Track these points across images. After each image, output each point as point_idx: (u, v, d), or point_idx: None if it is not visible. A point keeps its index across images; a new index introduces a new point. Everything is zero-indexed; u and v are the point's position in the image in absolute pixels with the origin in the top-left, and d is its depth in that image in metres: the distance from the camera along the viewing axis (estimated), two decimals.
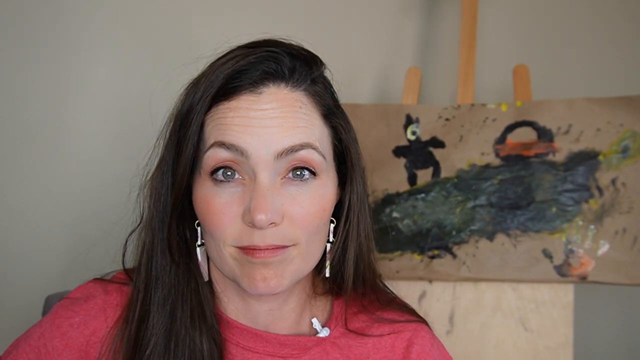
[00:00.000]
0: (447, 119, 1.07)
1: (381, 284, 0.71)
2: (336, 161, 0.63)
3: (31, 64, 1.13)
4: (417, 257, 1.05)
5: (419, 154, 1.07)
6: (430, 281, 1.06)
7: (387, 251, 1.06)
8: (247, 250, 0.57)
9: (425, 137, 1.08)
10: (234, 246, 0.57)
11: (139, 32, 1.17)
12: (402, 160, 1.08)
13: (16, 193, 1.13)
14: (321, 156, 0.58)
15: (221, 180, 0.57)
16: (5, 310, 1.12)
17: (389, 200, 1.07)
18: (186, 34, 1.18)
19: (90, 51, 1.15)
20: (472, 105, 1.07)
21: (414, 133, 1.08)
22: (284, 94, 0.58)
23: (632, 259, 0.98)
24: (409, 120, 1.08)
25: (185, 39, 1.18)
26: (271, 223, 0.55)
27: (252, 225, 0.55)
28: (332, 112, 0.62)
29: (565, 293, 1.01)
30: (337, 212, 0.64)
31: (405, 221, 1.06)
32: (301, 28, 1.24)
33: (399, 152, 1.08)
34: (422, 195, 1.06)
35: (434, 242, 1.05)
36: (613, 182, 1.00)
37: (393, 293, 0.72)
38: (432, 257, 1.05)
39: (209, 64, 0.60)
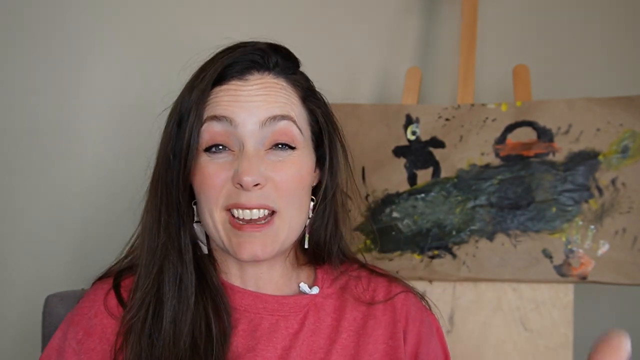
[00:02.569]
0: (447, 119, 1.07)
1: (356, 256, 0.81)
2: (314, 141, 0.72)
3: (31, 65, 1.13)
4: (417, 257, 1.05)
5: (419, 154, 1.07)
6: (430, 281, 1.06)
7: (387, 251, 1.06)
8: (236, 222, 0.65)
9: (425, 137, 1.08)
10: (224, 209, 0.66)
11: (139, 32, 1.17)
12: (402, 160, 1.08)
13: (16, 193, 1.13)
14: (298, 129, 0.68)
15: (214, 152, 0.66)
16: (6, 310, 1.12)
17: (389, 200, 1.07)
18: (187, 34, 1.18)
19: (90, 51, 1.15)
20: (472, 105, 1.07)
21: (414, 133, 1.08)
22: (267, 79, 0.68)
23: (632, 259, 0.98)
24: (409, 120, 1.08)
25: (186, 39, 1.18)
26: (256, 185, 0.64)
27: (240, 186, 0.64)
28: (309, 97, 0.72)
29: (565, 293, 1.01)
30: (317, 193, 0.73)
31: (405, 221, 1.06)
32: (301, 28, 1.24)
33: (399, 152, 1.08)
34: (422, 195, 1.06)
35: (434, 242, 1.05)
36: (613, 182, 1.00)
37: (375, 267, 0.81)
38: (432, 257, 1.05)
39: (203, 64, 0.69)
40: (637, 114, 1.00)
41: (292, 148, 0.68)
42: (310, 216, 0.73)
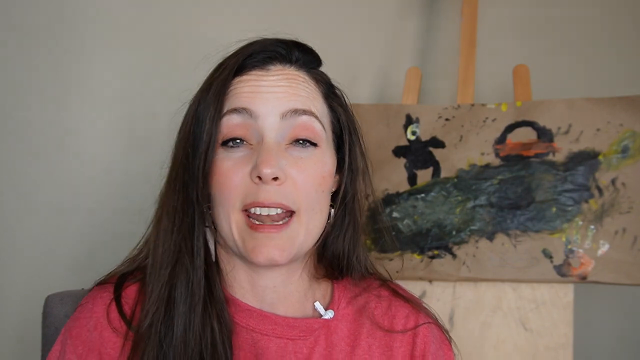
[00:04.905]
0: (447, 119, 1.07)
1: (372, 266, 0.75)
2: (335, 142, 0.68)
3: (31, 65, 1.13)
4: (417, 257, 1.05)
5: (419, 154, 1.07)
6: (430, 281, 1.06)
7: (387, 251, 1.06)
8: (253, 224, 0.61)
9: (425, 137, 1.08)
10: (241, 210, 0.62)
11: (140, 32, 1.17)
12: (402, 160, 1.08)
13: (16, 193, 1.13)
14: (321, 125, 0.65)
15: (231, 147, 0.63)
16: (6, 310, 1.12)
17: (389, 200, 1.07)
18: (187, 34, 1.18)
19: (91, 51, 1.15)
20: (472, 105, 1.07)
21: (414, 133, 1.08)
22: (289, 71, 0.65)
23: (632, 259, 0.98)
24: (409, 120, 1.08)
25: (187, 39, 1.18)
26: (275, 178, 0.60)
27: (259, 180, 0.60)
28: (331, 94, 0.69)
29: (565, 293, 1.01)
30: (335, 199, 0.69)
31: (405, 221, 1.06)
32: (301, 28, 1.23)
33: (399, 152, 1.08)
34: (422, 195, 1.06)
35: (434, 242, 1.05)
36: (613, 182, 1.00)
37: (390, 279, 0.76)
38: (432, 257, 1.05)
39: (221, 60, 0.66)
40: (637, 114, 1.00)
41: (314, 145, 0.64)
42: (327, 223, 0.68)
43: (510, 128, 1.05)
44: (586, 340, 1.20)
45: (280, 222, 0.62)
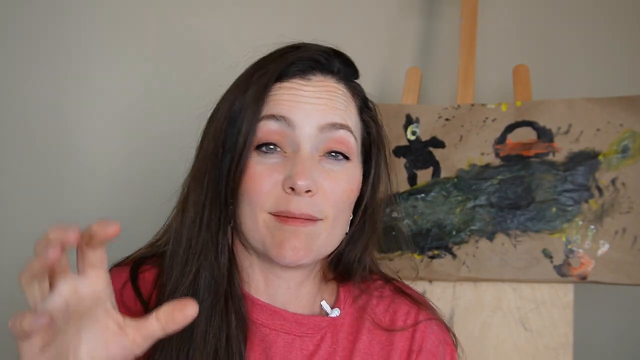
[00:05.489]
0: (447, 119, 1.07)
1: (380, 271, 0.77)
2: (362, 154, 0.69)
3: (32, 64, 1.13)
4: (417, 257, 1.05)
5: (419, 154, 1.07)
6: (430, 281, 1.06)
7: (387, 251, 1.06)
8: (281, 217, 0.61)
9: (425, 137, 1.08)
10: (269, 212, 0.62)
11: (140, 32, 1.17)
12: (402, 160, 1.08)
13: (16, 193, 1.13)
14: (355, 140, 0.66)
15: (265, 152, 0.63)
16: (6, 310, 1.12)
17: (389, 200, 1.07)
18: (187, 34, 1.18)
19: (91, 51, 1.15)
20: (472, 105, 1.07)
21: (414, 133, 1.08)
22: (329, 82, 0.66)
23: (632, 259, 0.98)
24: (409, 120, 1.08)
25: (187, 39, 1.18)
26: (308, 191, 0.61)
27: (292, 190, 0.61)
28: (365, 108, 0.70)
29: (565, 293, 1.01)
30: (355, 208, 0.70)
31: (405, 221, 1.06)
32: (301, 28, 1.24)
33: (399, 152, 1.08)
34: (422, 195, 1.06)
35: (434, 242, 1.05)
36: (613, 182, 1.00)
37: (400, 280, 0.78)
38: (432, 257, 1.05)
39: (254, 63, 0.67)
40: (637, 114, 1.00)
41: (347, 158, 0.65)
42: (347, 232, 0.69)
43: (510, 128, 1.05)
44: (586, 340, 1.20)
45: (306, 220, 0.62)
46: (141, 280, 0.67)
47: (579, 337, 1.02)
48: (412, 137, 1.08)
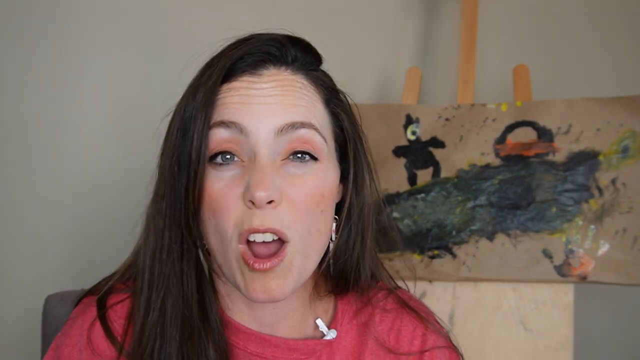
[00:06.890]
0: (447, 119, 1.07)
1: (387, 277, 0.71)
2: (338, 152, 0.62)
3: (31, 64, 1.13)
4: (417, 257, 1.05)
5: (419, 154, 1.07)
6: (430, 281, 1.06)
7: (387, 251, 1.06)
8: (246, 260, 0.55)
9: (425, 137, 1.08)
10: (239, 239, 0.55)
11: (140, 31, 1.17)
12: (402, 160, 1.08)
13: (16, 193, 1.13)
14: (322, 138, 0.57)
15: (220, 164, 0.56)
16: (6, 310, 1.12)
17: (389, 200, 1.07)
18: (187, 33, 1.18)
19: (91, 51, 1.15)
20: (472, 105, 1.07)
21: (414, 133, 1.08)
22: (284, 75, 0.57)
23: (632, 259, 0.98)
24: (409, 120, 1.08)
25: (187, 39, 1.18)
26: (270, 201, 0.53)
27: (252, 203, 0.53)
28: (333, 99, 0.62)
29: (565, 293, 1.01)
30: (340, 211, 0.63)
31: (405, 221, 1.06)
32: (300, 28, 1.23)
33: (399, 152, 1.08)
34: (422, 195, 1.06)
35: (434, 242, 1.05)
36: (613, 182, 1.00)
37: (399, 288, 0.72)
38: (432, 257, 1.05)
39: (209, 59, 0.60)
40: (637, 114, 1.00)
41: (315, 159, 0.57)
42: (333, 239, 0.62)
43: (510, 128, 1.05)
44: (586, 340, 1.20)
45: (273, 251, 0.56)
46: (113, 314, 0.61)
47: (579, 337, 1.02)
48: (412, 137, 1.08)
